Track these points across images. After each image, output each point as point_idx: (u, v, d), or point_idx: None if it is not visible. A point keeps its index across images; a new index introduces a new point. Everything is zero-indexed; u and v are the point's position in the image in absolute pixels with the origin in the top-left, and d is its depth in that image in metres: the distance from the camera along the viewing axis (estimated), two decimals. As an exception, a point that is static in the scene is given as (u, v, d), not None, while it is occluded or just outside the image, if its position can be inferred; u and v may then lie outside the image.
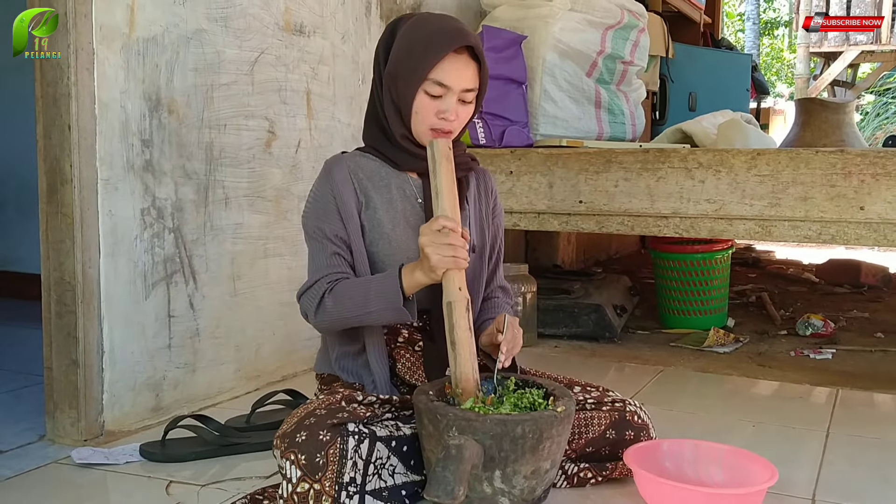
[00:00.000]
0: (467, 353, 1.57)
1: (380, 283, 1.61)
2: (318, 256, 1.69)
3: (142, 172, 2.09)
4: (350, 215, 1.69)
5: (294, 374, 2.62)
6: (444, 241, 1.53)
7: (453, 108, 1.67)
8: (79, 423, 1.98)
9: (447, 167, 1.61)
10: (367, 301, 1.60)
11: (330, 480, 1.43)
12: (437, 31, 1.67)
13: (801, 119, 3.99)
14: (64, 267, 1.96)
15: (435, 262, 1.52)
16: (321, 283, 1.66)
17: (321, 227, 1.69)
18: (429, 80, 1.65)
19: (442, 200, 1.59)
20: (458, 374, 1.57)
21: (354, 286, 1.64)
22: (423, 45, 1.65)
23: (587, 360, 2.95)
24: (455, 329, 1.56)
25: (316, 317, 1.66)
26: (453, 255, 1.53)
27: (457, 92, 1.66)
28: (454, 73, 1.65)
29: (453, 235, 1.54)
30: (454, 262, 1.54)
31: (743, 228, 2.56)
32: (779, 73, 19.26)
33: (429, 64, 1.64)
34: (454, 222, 1.55)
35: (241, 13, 2.35)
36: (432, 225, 1.55)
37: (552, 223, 2.82)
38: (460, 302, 1.56)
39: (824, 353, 3.03)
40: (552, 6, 3.17)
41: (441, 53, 1.63)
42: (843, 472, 1.87)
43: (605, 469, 1.72)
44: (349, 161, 1.75)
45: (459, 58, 1.66)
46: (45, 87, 1.95)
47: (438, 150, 1.62)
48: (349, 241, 1.69)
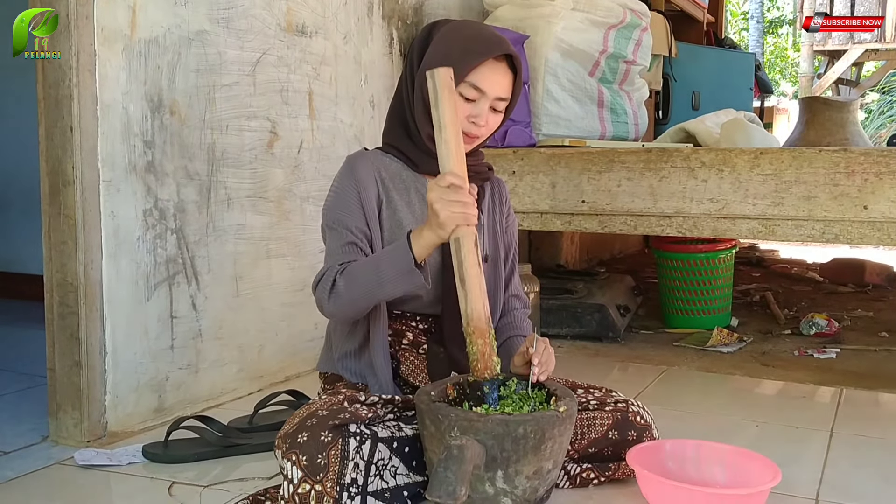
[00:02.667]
0: (477, 290, 1.53)
1: (389, 252, 1.59)
2: (334, 246, 1.68)
3: (144, 173, 2.09)
4: (371, 209, 1.68)
5: (297, 374, 2.62)
6: (452, 197, 1.49)
7: (484, 114, 1.66)
8: (82, 425, 1.99)
9: (449, 98, 1.55)
10: (379, 272, 1.57)
11: (331, 481, 1.43)
12: (478, 36, 1.67)
13: (804, 118, 3.98)
14: (66, 268, 1.96)
15: (444, 217, 1.49)
16: (333, 268, 1.63)
17: (342, 218, 1.68)
18: (465, 83, 1.63)
19: (448, 153, 1.53)
20: (470, 312, 1.53)
21: (365, 262, 1.62)
22: (464, 48, 1.64)
23: (590, 359, 2.95)
24: (464, 265, 1.52)
25: (329, 302, 1.62)
26: (462, 210, 1.50)
27: (490, 98, 1.66)
28: (491, 80, 1.64)
29: (462, 192, 1.50)
30: (464, 218, 1.50)
31: (746, 228, 2.55)
32: (783, 71, 19.22)
33: (468, 66, 1.62)
34: (461, 178, 1.51)
35: (242, 14, 2.35)
36: (440, 181, 1.51)
37: (555, 223, 2.82)
38: (468, 237, 1.52)
39: (828, 353, 3.02)
40: (554, 6, 3.16)
41: (482, 58, 1.63)
42: (846, 472, 1.86)
43: (607, 469, 1.72)
44: (372, 158, 1.74)
45: (498, 65, 1.65)
46: (47, 89, 1.95)
47: (440, 79, 1.55)
48: (370, 235, 1.68)
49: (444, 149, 1.54)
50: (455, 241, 1.53)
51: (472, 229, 1.53)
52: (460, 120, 1.63)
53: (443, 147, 1.54)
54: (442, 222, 1.50)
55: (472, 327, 1.54)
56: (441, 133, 1.55)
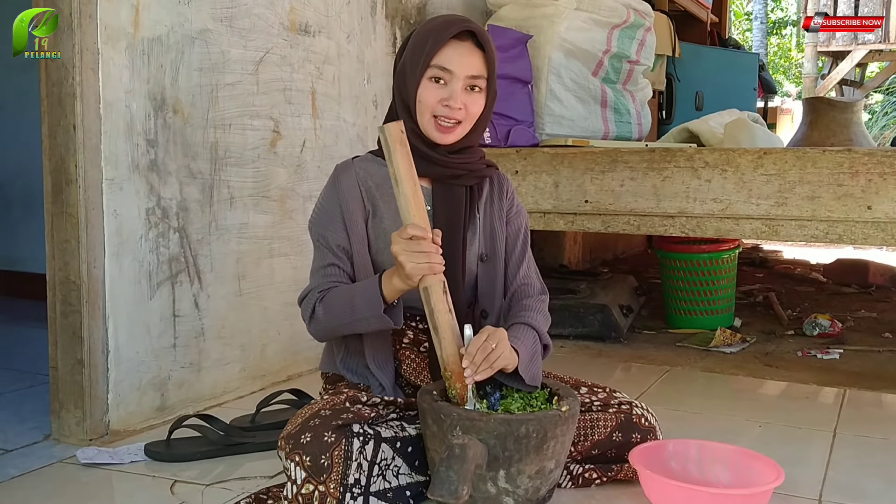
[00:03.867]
0: (450, 336, 1.55)
1: (363, 291, 1.60)
2: (316, 266, 1.70)
3: (147, 172, 2.09)
4: (354, 224, 1.69)
5: (299, 373, 2.62)
6: (415, 248, 1.51)
7: (457, 95, 1.65)
8: (84, 423, 1.99)
9: (402, 152, 1.56)
10: (353, 309, 1.60)
11: (335, 482, 1.43)
12: (440, 23, 1.68)
13: (808, 118, 3.98)
14: (69, 267, 1.96)
15: (409, 269, 1.51)
16: (313, 293, 1.66)
17: (324, 234, 1.70)
18: (432, 67, 1.65)
19: (408, 204, 1.54)
20: (445, 357, 1.55)
21: (341, 294, 1.64)
22: (426, 37, 1.66)
23: (593, 360, 2.94)
24: (434, 314, 1.55)
25: (310, 326, 1.68)
26: (427, 261, 1.51)
27: (461, 78, 1.65)
28: (456, 58, 1.65)
29: (424, 243, 1.52)
30: (429, 268, 1.52)
31: (749, 228, 2.55)
32: (786, 72, 19.21)
33: (431, 51, 1.64)
34: (423, 230, 1.52)
35: (245, 13, 2.35)
36: (402, 234, 1.53)
37: (558, 223, 2.81)
38: (436, 286, 1.54)
39: (832, 354, 3.02)
40: (558, 5, 3.16)
41: (442, 40, 1.64)
42: (849, 473, 1.86)
43: (610, 470, 1.72)
44: (358, 168, 1.74)
45: (463, 44, 1.66)
46: (50, 87, 1.95)
47: (390, 134, 1.56)
48: (350, 252, 1.69)
49: (403, 201, 1.55)
50: (424, 290, 1.55)
51: (440, 276, 1.55)
52: (434, 106, 1.65)
53: (401, 199, 1.55)
54: (408, 273, 1.51)
55: (448, 371, 1.56)
56: (398, 186, 1.56)
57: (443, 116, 1.66)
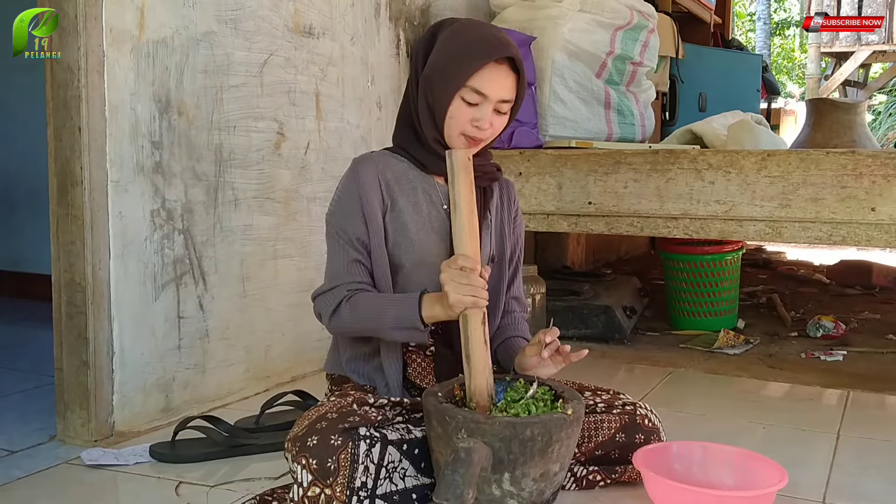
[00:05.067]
0: (482, 367, 1.57)
1: (399, 307, 1.61)
2: (338, 261, 1.69)
3: (152, 174, 2.09)
4: (373, 216, 1.69)
5: (304, 374, 2.62)
6: (464, 280, 1.52)
7: (488, 117, 1.66)
8: (89, 424, 1.99)
9: (466, 179, 1.59)
10: (383, 319, 1.61)
11: (341, 486, 1.43)
12: (479, 39, 1.65)
13: (812, 119, 3.97)
14: (74, 268, 1.97)
15: (454, 300, 1.53)
16: (340, 289, 1.66)
17: (344, 227, 1.69)
18: (467, 87, 1.63)
19: (462, 232, 1.56)
20: (473, 388, 1.56)
21: (374, 301, 1.64)
22: (465, 52, 1.63)
23: (597, 361, 2.94)
24: (470, 342, 1.56)
25: (330, 321, 1.67)
26: (472, 294, 1.53)
27: (493, 101, 1.65)
28: (493, 83, 1.64)
29: (473, 276, 1.53)
30: (473, 302, 1.54)
31: (753, 230, 2.55)
32: (790, 73, 19.18)
33: (469, 71, 1.62)
34: (474, 261, 1.55)
35: (250, 15, 2.36)
36: (452, 264, 1.54)
37: (561, 224, 2.82)
38: (475, 315, 1.56)
39: (835, 355, 3.02)
40: (561, 7, 3.16)
41: (482, 62, 1.62)
42: (853, 475, 1.86)
43: (614, 472, 1.72)
44: (378, 161, 1.74)
45: (500, 68, 1.64)
46: (55, 90, 1.96)
47: (457, 159, 1.59)
48: (369, 245, 1.69)
49: (458, 228, 1.58)
50: (463, 317, 1.56)
51: (482, 310, 1.57)
52: (465, 126, 1.65)
53: (456, 226, 1.58)
54: (452, 304, 1.53)
55: (473, 403, 1.56)
56: (456, 212, 1.58)
57: (469, 135, 1.66)
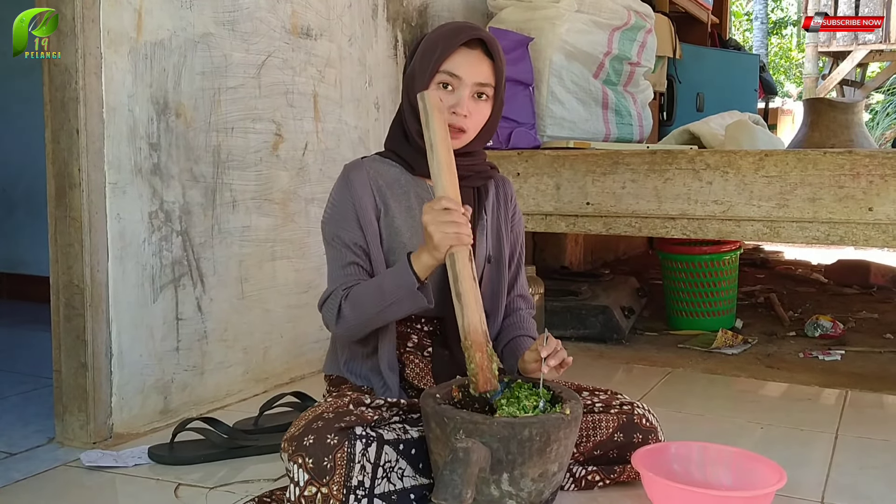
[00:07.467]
0: (473, 303, 1.55)
1: (392, 275, 1.61)
2: (335, 266, 1.70)
3: (149, 176, 2.09)
4: (368, 222, 1.69)
5: (302, 376, 2.62)
6: (446, 218, 1.52)
7: (464, 101, 1.67)
8: (87, 426, 1.99)
9: (439, 119, 1.60)
10: (383, 295, 1.60)
11: (338, 484, 1.43)
12: (449, 30, 1.70)
13: (809, 119, 3.97)
14: (72, 270, 1.97)
15: (438, 239, 1.52)
16: (337, 292, 1.66)
17: (339, 234, 1.70)
18: (441, 72, 1.67)
19: (440, 172, 1.57)
20: (466, 325, 1.55)
21: (368, 286, 1.64)
22: (437, 42, 1.68)
23: (595, 361, 2.94)
24: (459, 279, 1.54)
25: (338, 326, 1.67)
26: (456, 231, 1.52)
27: (469, 85, 1.67)
28: (465, 66, 1.67)
29: (454, 213, 1.53)
30: (457, 238, 1.53)
31: (751, 230, 2.55)
32: (787, 72, 19.21)
33: (441, 58, 1.66)
34: (454, 202, 1.55)
35: (247, 17, 2.36)
36: (434, 205, 1.54)
37: (559, 225, 2.82)
38: (462, 252, 1.55)
39: (833, 355, 3.02)
40: (559, 8, 3.16)
41: (452, 46, 1.66)
42: (852, 475, 1.86)
43: (612, 472, 1.72)
44: (369, 167, 1.74)
45: (472, 52, 1.68)
46: (53, 92, 1.96)
47: (429, 100, 1.60)
48: (367, 249, 1.69)
49: (436, 168, 1.58)
50: (450, 256, 1.55)
51: (467, 247, 1.56)
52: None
53: (434, 165, 1.58)
54: (436, 244, 1.53)
55: (469, 341, 1.55)
56: (432, 152, 1.58)
57: (450, 123, 1.67)
